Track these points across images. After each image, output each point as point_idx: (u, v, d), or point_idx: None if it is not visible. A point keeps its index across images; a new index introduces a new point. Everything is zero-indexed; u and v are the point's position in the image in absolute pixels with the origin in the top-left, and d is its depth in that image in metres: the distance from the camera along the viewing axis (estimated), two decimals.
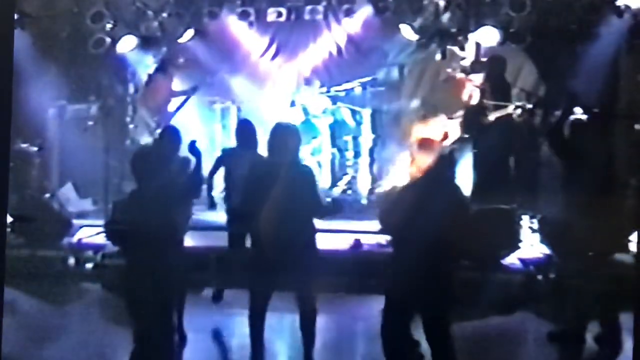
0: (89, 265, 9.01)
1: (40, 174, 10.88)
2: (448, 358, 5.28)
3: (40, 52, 11.33)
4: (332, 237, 8.91)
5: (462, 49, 10.46)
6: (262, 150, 7.63)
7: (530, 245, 8.85)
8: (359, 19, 11.31)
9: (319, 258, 6.08)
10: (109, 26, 11.27)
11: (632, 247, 7.33)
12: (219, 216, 8.17)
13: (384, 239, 7.54)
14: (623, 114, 9.70)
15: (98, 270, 8.87)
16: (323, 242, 6.26)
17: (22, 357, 6.45)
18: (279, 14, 11.36)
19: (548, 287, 8.03)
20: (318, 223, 6.07)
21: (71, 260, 9.19)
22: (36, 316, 7.84)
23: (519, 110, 9.45)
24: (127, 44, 11.29)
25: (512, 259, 8.55)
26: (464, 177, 8.92)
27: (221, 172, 7.92)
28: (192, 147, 5.66)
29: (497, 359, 6.85)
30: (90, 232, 9.37)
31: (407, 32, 10.83)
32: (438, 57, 10.68)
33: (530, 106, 9.50)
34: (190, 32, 11.49)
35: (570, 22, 10.27)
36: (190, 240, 7.08)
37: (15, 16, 7.55)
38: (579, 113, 8.05)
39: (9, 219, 7.25)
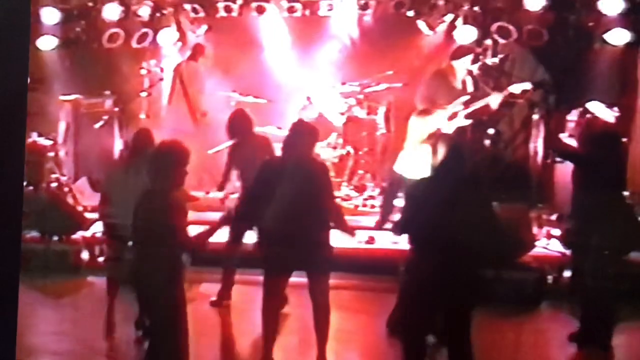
0: (102, 259, 9.01)
1: (54, 168, 10.89)
2: (465, 355, 5.23)
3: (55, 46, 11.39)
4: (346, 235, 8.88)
5: (480, 45, 10.39)
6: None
7: (547, 243, 8.79)
8: (375, 14, 11.24)
9: (333, 255, 6.05)
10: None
11: None
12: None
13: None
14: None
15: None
16: (336, 239, 6.23)
17: (37, 350, 6.46)
18: (294, 9, 11.31)
19: (564, 286, 7.97)
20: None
21: (84, 255, 9.21)
22: (50, 309, 7.85)
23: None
24: (141, 38, 11.28)
25: (527, 257, 8.47)
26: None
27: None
28: None
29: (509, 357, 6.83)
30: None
31: (424, 28, 10.83)
32: None
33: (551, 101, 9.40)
34: (204, 27, 11.50)
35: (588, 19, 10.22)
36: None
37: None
38: (597, 111, 7.99)
39: None
